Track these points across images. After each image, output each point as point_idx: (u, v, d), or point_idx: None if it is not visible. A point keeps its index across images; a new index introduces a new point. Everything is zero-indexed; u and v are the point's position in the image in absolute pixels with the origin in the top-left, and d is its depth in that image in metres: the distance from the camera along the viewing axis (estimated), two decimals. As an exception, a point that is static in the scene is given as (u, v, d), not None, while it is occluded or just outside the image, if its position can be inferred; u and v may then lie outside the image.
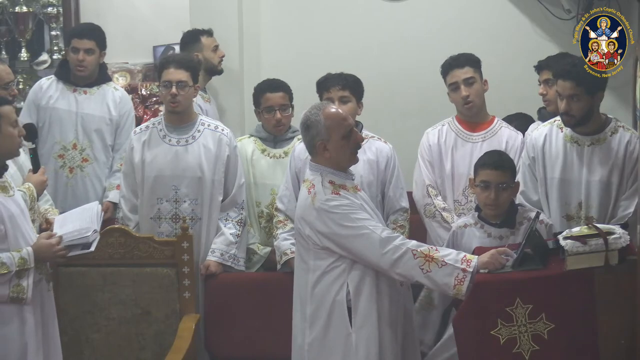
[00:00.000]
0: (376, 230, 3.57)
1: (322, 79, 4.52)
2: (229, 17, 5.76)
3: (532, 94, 4.92)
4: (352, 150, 3.71)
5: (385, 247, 3.54)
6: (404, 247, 3.55)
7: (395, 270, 3.57)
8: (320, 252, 3.64)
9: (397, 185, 4.49)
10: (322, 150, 3.67)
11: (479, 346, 3.59)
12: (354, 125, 3.74)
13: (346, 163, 3.73)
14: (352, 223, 3.58)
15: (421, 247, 3.58)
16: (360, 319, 3.61)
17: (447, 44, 5.58)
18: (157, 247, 4.39)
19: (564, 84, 4.07)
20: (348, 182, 3.70)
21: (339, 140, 3.66)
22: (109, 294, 4.36)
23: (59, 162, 5.08)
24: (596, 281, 3.53)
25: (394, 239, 3.57)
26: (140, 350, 4.35)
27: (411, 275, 3.57)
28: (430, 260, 3.54)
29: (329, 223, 3.60)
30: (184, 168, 4.63)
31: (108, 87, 5.20)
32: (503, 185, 4.03)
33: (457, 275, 3.53)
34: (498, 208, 4.06)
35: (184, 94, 4.56)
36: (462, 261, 3.56)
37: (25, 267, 3.60)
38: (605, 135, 4.17)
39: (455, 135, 4.60)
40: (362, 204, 3.69)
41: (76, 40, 5.06)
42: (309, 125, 3.68)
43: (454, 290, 3.55)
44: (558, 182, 4.23)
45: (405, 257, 3.54)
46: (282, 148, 4.80)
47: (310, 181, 3.69)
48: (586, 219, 4.12)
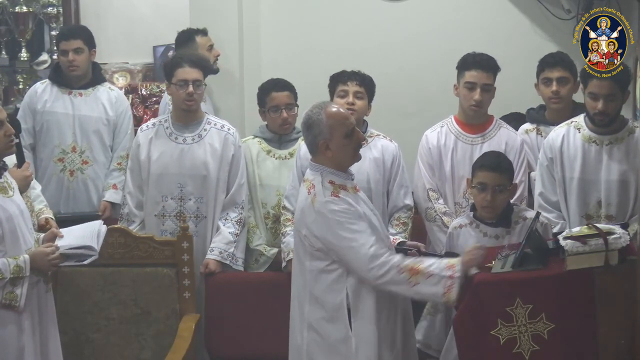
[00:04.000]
0: (366, 245, 3.55)
1: (338, 73, 4.56)
2: (229, 17, 5.76)
3: (532, 94, 4.91)
4: (354, 150, 3.70)
5: (372, 264, 3.53)
6: (389, 263, 3.53)
7: (382, 286, 3.56)
8: (316, 253, 3.63)
9: (402, 183, 4.50)
10: (324, 150, 3.65)
11: (479, 346, 3.59)
12: (355, 125, 3.73)
13: (348, 162, 3.71)
14: (345, 233, 3.56)
15: (405, 261, 3.56)
16: (359, 322, 3.60)
17: (447, 43, 5.60)
18: (157, 247, 4.39)
19: (601, 84, 4.05)
20: (348, 183, 3.69)
21: (342, 139, 3.64)
22: (109, 294, 4.36)
23: (59, 166, 5.08)
24: (596, 281, 3.54)
25: (381, 255, 3.54)
26: (140, 350, 4.35)
27: (399, 290, 3.57)
28: (416, 273, 3.53)
29: (324, 228, 3.58)
30: (189, 166, 4.64)
31: (103, 87, 5.19)
32: (500, 188, 4.03)
33: (444, 283, 3.53)
34: (494, 210, 4.07)
35: (199, 93, 4.60)
36: (447, 268, 3.55)
37: (20, 275, 3.59)
38: (624, 135, 4.21)
39: (455, 137, 4.59)
40: (358, 207, 3.63)
41: (63, 43, 5.06)
42: (310, 124, 3.66)
43: (443, 299, 3.55)
44: (577, 182, 4.25)
45: (391, 273, 3.53)
46: (287, 149, 4.79)
47: (311, 181, 3.68)
48: (606, 218, 4.14)
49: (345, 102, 4.47)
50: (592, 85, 4.12)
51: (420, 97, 5.70)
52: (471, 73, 4.49)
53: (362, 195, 3.78)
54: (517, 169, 4.41)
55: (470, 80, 4.49)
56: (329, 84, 4.59)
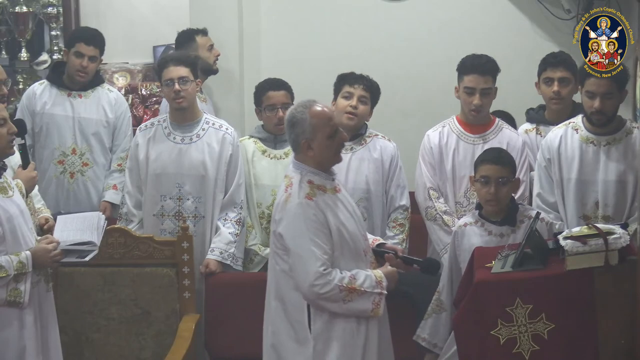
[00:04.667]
0: (317, 262, 3.51)
1: (347, 73, 4.57)
2: (229, 17, 5.76)
3: (532, 94, 4.91)
4: (336, 150, 3.67)
5: (317, 281, 3.50)
6: (332, 283, 3.52)
7: (316, 301, 3.55)
8: (280, 252, 3.62)
9: (399, 183, 4.52)
10: (306, 149, 3.63)
11: (479, 346, 3.59)
12: (338, 126, 3.70)
13: (329, 162, 3.68)
14: (303, 241, 3.53)
15: (344, 279, 3.54)
16: (320, 324, 3.57)
17: (447, 44, 5.60)
18: (157, 247, 4.39)
19: (598, 82, 4.05)
20: (328, 183, 3.66)
21: (324, 139, 3.61)
22: (109, 294, 4.36)
23: (59, 168, 5.07)
24: (596, 281, 3.53)
25: (327, 275, 3.51)
26: (140, 350, 4.35)
27: (331, 307, 3.55)
28: (353, 291, 3.55)
29: (289, 228, 3.57)
30: (187, 166, 4.64)
31: (102, 89, 5.17)
32: (502, 180, 4.04)
33: (374, 299, 3.58)
34: (498, 203, 4.06)
35: (187, 89, 4.58)
36: (377, 284, 3.59)
37: (23, 271, 3.60)
38: (621, 136, 4.21)
39: (456, 137, 4.59)
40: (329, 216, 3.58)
41: (83, 46, 5.01)
42: (294, 122, 3.64)
43: (371, 314, 3.59)
44: (575, 183, 4.25)
45: (331, 293, 3.52)
46: (283, 149, 4.79)
47: (290, 179, 3.65)
48: (603, 219, 4.13)
49: (348, 104, 4.48)
50: (589, 84, 4.12)
51: (421, 97, 5.70)
52: (469, 78, 4.48)
53: (343, 195, 3.74)
54: (519, 168, 4.41)
55: (469, 86, 4.49)
56: (335, 82, 4.59)
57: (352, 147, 4.56)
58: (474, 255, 3.87)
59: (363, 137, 4.60)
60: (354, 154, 4.56)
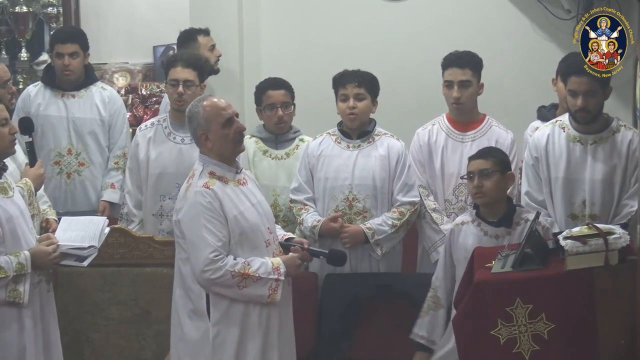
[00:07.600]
0: (208, 248, 3.54)
1: (338, 75, 4.58)
2: (229, 17, 5.77)
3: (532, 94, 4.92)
4: (235, 140, 3.70)
5: (208, 267, 3.53)
6: (224, 268, 3.54)
7: (210, 287, 3.58)
8: (180, 241, 3.66)
9: (407, 181, 4.52)
10: (205, 141, 3.67)
11: (479, 346, 3.59)
12: (234, 115, 3.71)
13: (229, 153, 3.71)
14: (196, 227, 3.56)
15: (237, 265, 3.57)
16: (219, 311, 3.60)
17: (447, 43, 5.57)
18: (157, 247, 4.39)
19: (579, 80, 4.07)
20: (229, 175, 3.69)
21: (219, 129, 3.65)
22: (109, 294, 4.36)
23: (56, 169, 5.06)
24: (596, 281, 3.53)
25: (218, 261, 3.54)
26: (140, 350, 4.36)
27: (227, 292, 3.58)
28: (247, 277, 3.57)
29: (185, 216, 3.60)
30: (187, 166, 4.60)
31: (95, 87, 5.16)
32: (486, 171, 4.05)
33: (270, 285, 3.61)
34: (484, 196, 4.07)
35: (190, 93, 4.57)
36: (274, 270, 3.62)
37: (22, 272, 3.61)
38: (608, 134, 4.21)
39: (445, 135, 4.62)
40: (225, 205, 3.59)
41: (59, 46, 5.02)
42: (190, 117, 3.71)
43: (268, 300, 3.61)
44: (562, 182, 4.25)
45: (223, 278, 3.54)
46: (284, 149, 4.79)
47: (194, 170, 3.71)
48: (590, 217, 4.13)
49: (346, 106, 4.49)
50: (571, 83, 4.14)
51: (420, 96, 5.70)
52: (448, 71, 4.56)
53: (248, 189, 3.74)
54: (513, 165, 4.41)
55: (447, 79, 4.55)
56: (332, 86, 4.60)
57: (359, 145, 4.56)
58: (474, 255, 3.87)
59: (371, 135, 4.60)
60: (360, 151, 4.56)
